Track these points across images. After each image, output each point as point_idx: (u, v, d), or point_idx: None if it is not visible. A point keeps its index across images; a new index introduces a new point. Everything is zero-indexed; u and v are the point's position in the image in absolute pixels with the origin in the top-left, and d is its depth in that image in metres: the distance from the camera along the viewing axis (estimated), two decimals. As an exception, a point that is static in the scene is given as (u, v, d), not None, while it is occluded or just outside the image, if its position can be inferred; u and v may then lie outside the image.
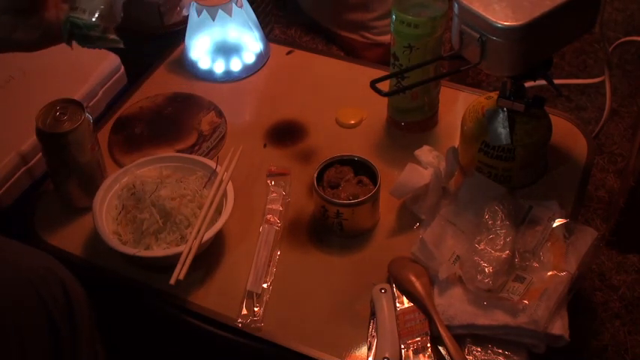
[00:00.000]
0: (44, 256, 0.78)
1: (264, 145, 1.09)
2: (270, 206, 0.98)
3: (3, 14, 0.56)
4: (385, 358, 0.79)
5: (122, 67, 1.20)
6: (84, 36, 0.76)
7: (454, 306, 0.83)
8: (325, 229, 0.95)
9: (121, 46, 0.78)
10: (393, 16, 0.97)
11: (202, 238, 0.87)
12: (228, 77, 1.20)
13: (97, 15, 0.75)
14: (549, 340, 0.81)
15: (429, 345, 0.81)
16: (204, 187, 0.95)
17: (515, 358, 0.81)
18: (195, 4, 1.17)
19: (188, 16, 1.20)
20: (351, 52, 1.60)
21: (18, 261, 0.74)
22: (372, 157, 0.97)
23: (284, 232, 0.96)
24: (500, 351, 0.81)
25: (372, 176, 0.95)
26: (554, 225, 0.89)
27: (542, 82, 0.93)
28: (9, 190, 1.01)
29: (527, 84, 0.94)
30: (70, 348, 0.75)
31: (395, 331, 0.82)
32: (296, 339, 0.85)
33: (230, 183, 0.94)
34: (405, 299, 0.85)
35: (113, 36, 0.78)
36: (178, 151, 1.05)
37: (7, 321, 0.69)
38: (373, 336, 0.83)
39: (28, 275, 0.73)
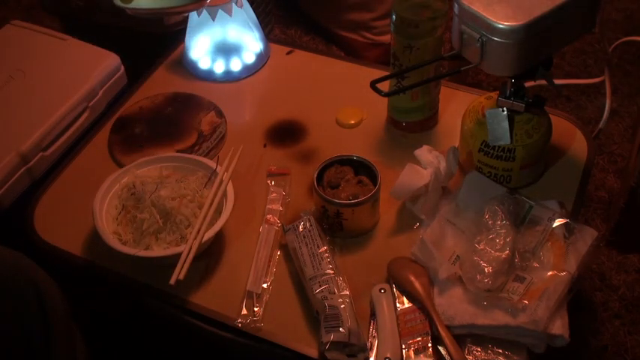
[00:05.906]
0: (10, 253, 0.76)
1: (264, 145, 1.09)
2: (270, 206, 0.98)
3: None
4: (387, 358, 0.79)
5: (122, 67, 1.20)
6: None
7: (454, 306, 0.83)
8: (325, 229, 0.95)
9: None
10: (393, 16, 0.97)
11: (202, 238, 0.87)
12: (228, 77, 1.20)
13: None
14: (549, 340, 0.81)
15: (429, 345, 0.81)
16: (204, 187, 0.95)
17: (515, 358, 0.81)
18: (195, 4, 1.16)
19: (188, 16, 1.20)
20: (351, 52, 1.60)
21: None
22: (372, 157, 0.97)
23: (284, 232, 0.96)
24: (500, 351, 0.81)
25: (372, 176, 0.95)
26: (554, 225, 0.89)
27: (542, 82, 0.93)
28: (9, 190, 1.01)
29: (527, 84, 0.94)
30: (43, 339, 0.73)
31: (396, 332, 0.82)
32: (296, 339, 0.85)
33: (230, 183, 0.93)
34: (405, 299, 0.85)
35: None
36: (178, 151, 1.05)
37: None
38: (374, 336, 0.83)
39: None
